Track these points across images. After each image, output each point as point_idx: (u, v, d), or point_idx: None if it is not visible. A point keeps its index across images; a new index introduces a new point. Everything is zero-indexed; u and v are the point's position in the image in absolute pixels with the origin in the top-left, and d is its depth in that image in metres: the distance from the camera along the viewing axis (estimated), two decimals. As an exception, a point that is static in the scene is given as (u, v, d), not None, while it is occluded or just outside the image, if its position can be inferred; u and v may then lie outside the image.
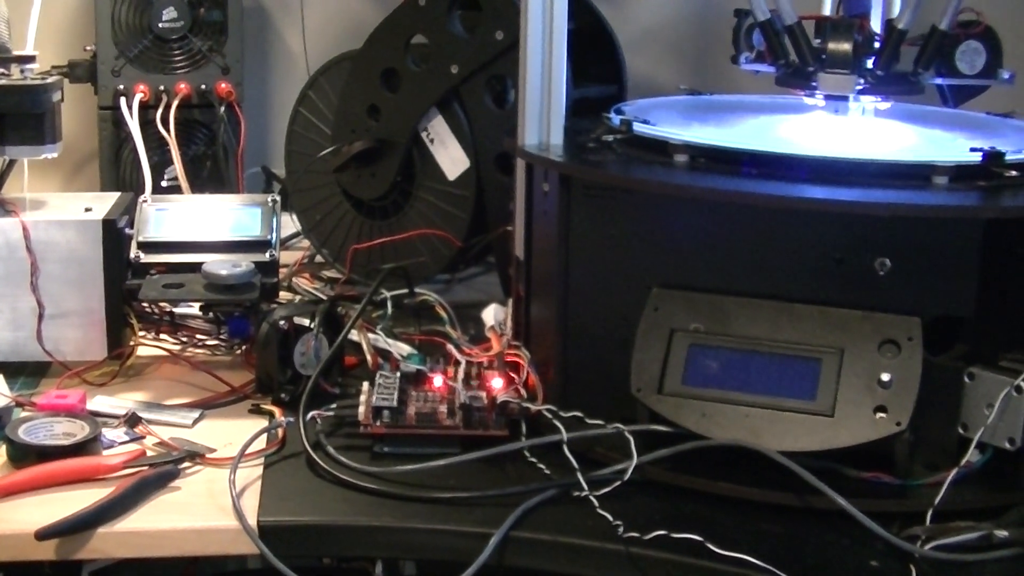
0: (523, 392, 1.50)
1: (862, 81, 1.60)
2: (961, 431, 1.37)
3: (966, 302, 1.35)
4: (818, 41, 1.64)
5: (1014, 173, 1.42)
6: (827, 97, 1.62)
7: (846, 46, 1.59)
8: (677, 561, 1.24)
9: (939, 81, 1.63)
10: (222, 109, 2.26)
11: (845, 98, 1.61)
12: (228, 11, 2.26)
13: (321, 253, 2.12)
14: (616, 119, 1.60)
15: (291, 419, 1.49)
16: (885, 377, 1.32)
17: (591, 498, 1.32)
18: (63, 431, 1.43)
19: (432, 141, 1.97)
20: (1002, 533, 1.25)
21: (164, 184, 2.22)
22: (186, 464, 1.41)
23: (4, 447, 1.42)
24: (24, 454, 1.39)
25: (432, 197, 1.99)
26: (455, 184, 1.97)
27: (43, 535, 1.25)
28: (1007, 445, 1.35)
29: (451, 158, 1.96)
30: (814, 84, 1.62)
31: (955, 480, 1.32)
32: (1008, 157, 1.42)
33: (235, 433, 1.47)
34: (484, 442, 1.44)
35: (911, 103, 1.70)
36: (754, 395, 1.36)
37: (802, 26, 1.65)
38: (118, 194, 1.78)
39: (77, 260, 1.64)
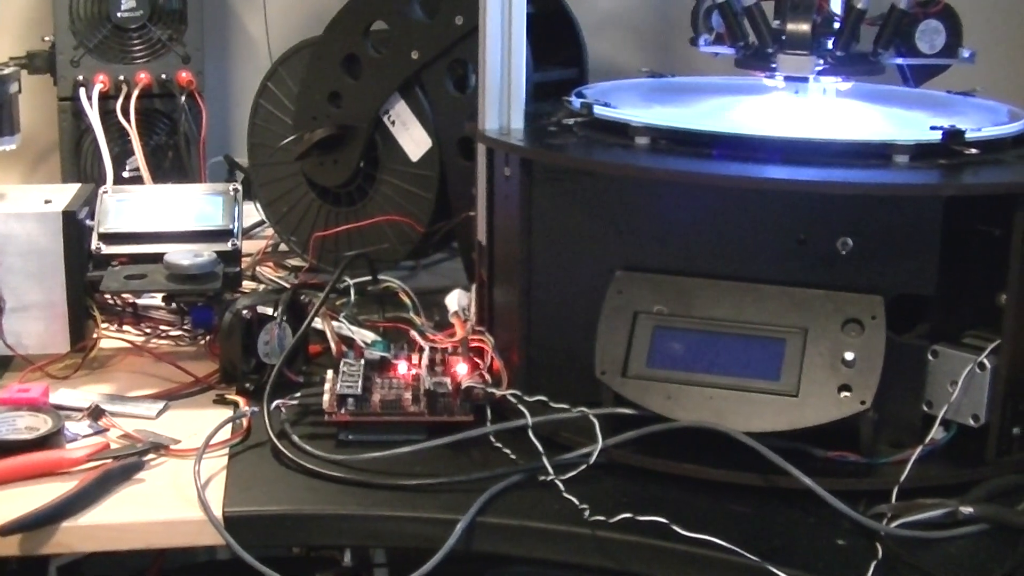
0: (488, 377, 1.50)
1: (822, 62, 1.60)
2: (925, 408, 1.38)
3: (928, 280, 1.35)
4: (777, 22, 1.64)
5: (974, 151, 1.42)
6: (787, 78, 1.62)
7: (805, 27, 1.59)
8: (643, 544, 1.24)
9: (899, 61, 1.63)
10: (183, 98, 2.25)
11: (805, 79, 1.61)
12: (187, -1, 2.25)
13: (288, 243, 2.11)
14: (577, 102, 1.60)
15: (255, 408, 1.48)
16: (849, 356, 1.33)
17: (557, 482, 1.32)
18: (26, 425, 1.42)
19: (394, 123, 1.96)
20: (967, 509, 1.26)
21: (126, 175, 2.21)
22: (150, 456, 1.40)
23: (-34, 442, 1.41)
24: (-14, 448, 1.38)
25: (396, 180, 1.98)
26: (419, 165, 1.96)
27: (6, 530, 1.24)
28: (971, 422, 1.35)
29: (413, 139, 1.96)
30: (774, 65, 1.62)
31: (920, 457, 1.33)
32: (968, 135, 1.42)
33: (199, 424, 1.46)
34: (449, 428, 1.43)
35: (872, 83, 1.70)
36: (719, 376, 1.36)
37: (761, 7, 1.65)
38: (78, 185, 1.77)
39: (37, 252, 1.62)
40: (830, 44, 1.61)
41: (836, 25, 1.62)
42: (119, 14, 2.22)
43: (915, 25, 1.60)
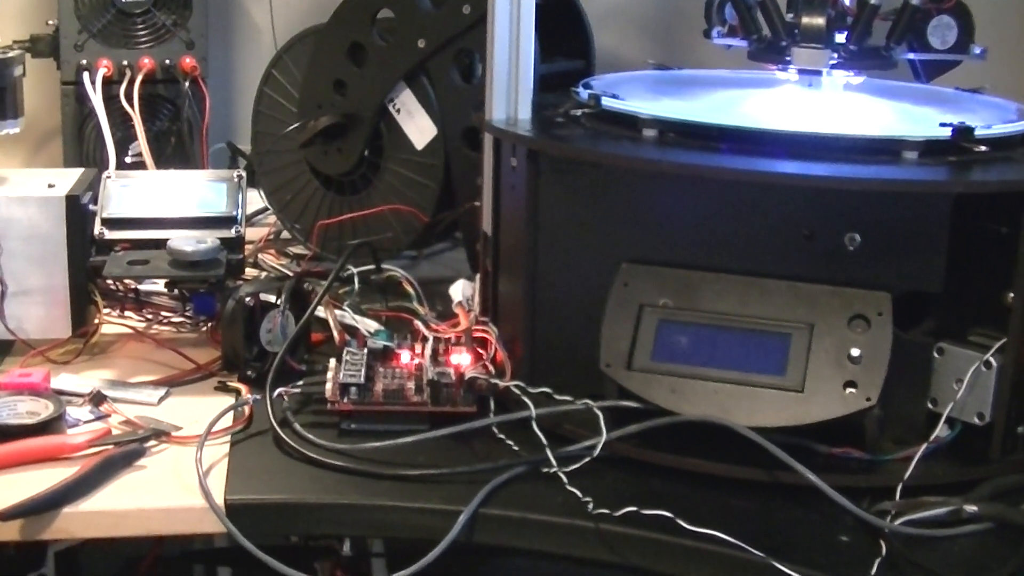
0: (491, 368, 1.50)
1: (836, 55, 1.59)
2: (930, 406, 1.37)
3: (935, 277, 1.35)
4: (790, 15, 1.64)
5: (983, 148, 1.42)
6: (800, 71, 1.62)
7: (819, 20, 1.59)
8: (647, 537, 1.24)
9: (911, 56, 1.63)
10: (186, 84, 2.24)
11: (819, 72, 1.61)
12: (192, -15, 2.25)
13: (292, 232, 2.10)
14: (584, 94, 1.59)
15: (258, 396, 1.48)
16: (855, 352, 1.32)
17: (560, 475, 1.31)
18: (27, 410, 1.42)
19: (399, 112, 1.96)
20: (971, 508, 1.25)
21: (128, 160, 2.20)
22: (152, 443, 1.40)
23: (-33, 426, 1.40)
24: (-13, 433, 1.38)
25: (401, 168, 1.98)
26: (423, 153, 1.96)
27: (7, 515, 1.24)
28: (976, 420, 1.35)
29: (418, 128, 1.95)
30: (788, 58, 1.61)
31: (924, 455, 1.32)
32: (977, 132, 1.41)
33: (201, 411, 1.46)
34: (452, 419, 1.43)
35: (883, 78, 1.70)
36: (724, 371, 1.36)
37: (775, 0, 1.64)
38: (81, 170, 1.76)
39: (40, 237, 1.62)
40: (843, 38, 1.60)
41: (849, 19, 1.61)
42: (124, -1, 2.22)
43: (927, 21, 1.59)
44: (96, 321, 1.67)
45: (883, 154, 1.40)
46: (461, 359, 1.50)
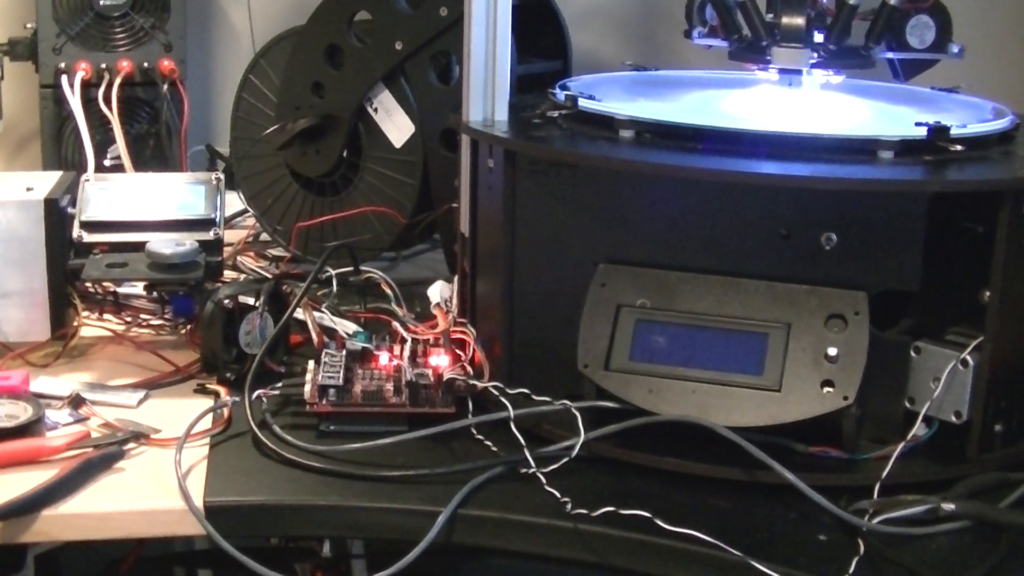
0: (469, 369, 1.50)
1: (815, 55, 1.60)
2: (908, 405, 1.37)
3: (912, 276, 1.35)
4: (770, 16, 1.64)
5: (959, 147, 1.42)
6: (781, 71, 1.62)
7: (799, 20, 1.60)
8: (625, 537, 1.24)
9: (889, 55, 1.63)
10: (165, 87, 2.24)
11: (799, 72, 1.61)
12: (170, -13, 2.25)
13: (274, 236, 2.09)
14: (561, 95, 1.59)
15: (236, 398, 1.48)
16: (832, 351, 1.32)
17: (539, 475, 1.31)
18: (6, 413, 1.41)
19: (377, 111, 1.96)
20: (949, 506, 1.26)
21: (107, 163, 2.20)
22: (131, 445, 1.40)
23: (-55, 429, 1.40)
24: (-34, 436, 1.37)
25: (380, 167, 1.97)
26: (402, 151, 1.96)
27: (-15, 518, 1.24)
28: (953, 419, 1.35)
29: (397, 126, 1.95)
30: (768, 58, 1.62)
31: (902, 454, 1.33)
32: (953, 132, 1.41)
33: (180, 413, 1.46)
34: (431, 420, 1.43)
35: (861, 78, 1.70)
36: (701, 370, 1.36)
37: (754, 1, 1.65)
38: (60, 173, 1.76)
39: (19, 240, 1.62)
40: (822, 38, 1.61)
41: (828, 19, 1.62)
42: (101, 2, 2.21)
43: (905, 20, 1.60)
44: (75, 324, 1.67)
45: (859, 154, 1.40)
46: (439, 360, 1.50)
